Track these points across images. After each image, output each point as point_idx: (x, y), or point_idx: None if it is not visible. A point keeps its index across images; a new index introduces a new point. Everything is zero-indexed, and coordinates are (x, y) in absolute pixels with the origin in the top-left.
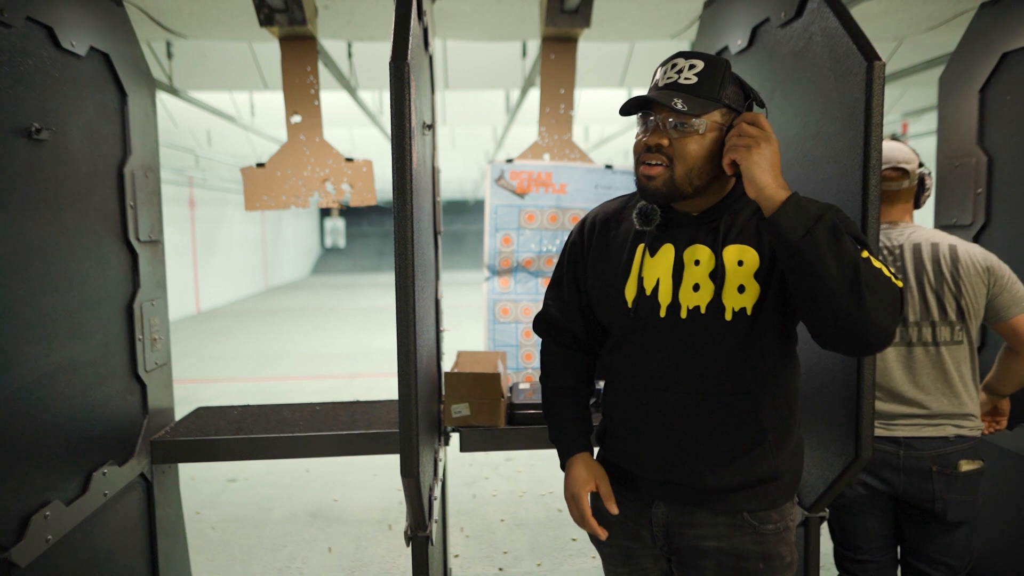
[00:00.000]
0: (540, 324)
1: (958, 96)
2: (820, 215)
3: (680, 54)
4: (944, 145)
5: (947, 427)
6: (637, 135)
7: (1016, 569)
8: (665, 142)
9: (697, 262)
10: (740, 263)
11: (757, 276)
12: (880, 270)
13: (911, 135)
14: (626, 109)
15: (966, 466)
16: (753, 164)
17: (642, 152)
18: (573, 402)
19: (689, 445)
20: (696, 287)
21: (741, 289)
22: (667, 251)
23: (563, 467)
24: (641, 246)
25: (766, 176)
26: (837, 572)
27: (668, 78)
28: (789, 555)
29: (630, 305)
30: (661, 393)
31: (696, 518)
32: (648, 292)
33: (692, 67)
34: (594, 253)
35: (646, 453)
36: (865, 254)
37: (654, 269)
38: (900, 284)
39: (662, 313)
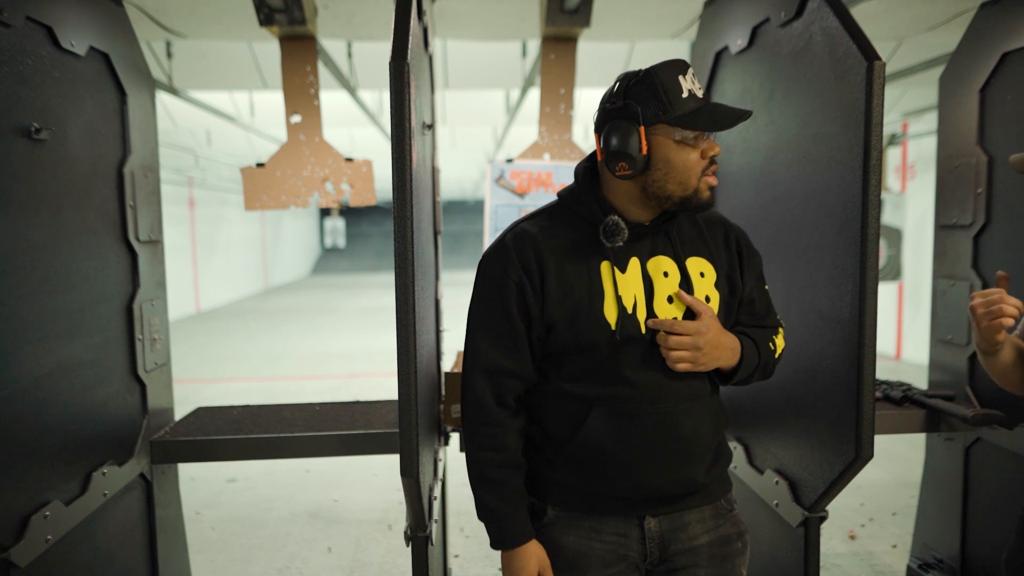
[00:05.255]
0: (490, 378)
1: (958, 96)
2: (755, 365)
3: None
4: (944, 145)
5: None
6: (697, 146)
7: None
8: None
9: (666, 274)
10: (702, 274)
11: (717, 285)
12: (776, 350)
13: (911, 135)
14: (733, 121)
15: None
16: (709, 364)
17: (709, 163)
18: (521, 477)
19: (689, 452)
20: (670, 299)
21: (707, 299)
22: (635, 265)
23: (502, 547)
24: (607, 263)
25: (720, 361)
26: (836, 572)
27: (701, 87)
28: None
29: (614, 327)
30: (659, 407)
31: (686, 518)
32: (630, 311)
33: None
34: (552, 284)
35: (637, 473)
36: (780, 341)
37: (629, 286)
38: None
39: (642, 329)
